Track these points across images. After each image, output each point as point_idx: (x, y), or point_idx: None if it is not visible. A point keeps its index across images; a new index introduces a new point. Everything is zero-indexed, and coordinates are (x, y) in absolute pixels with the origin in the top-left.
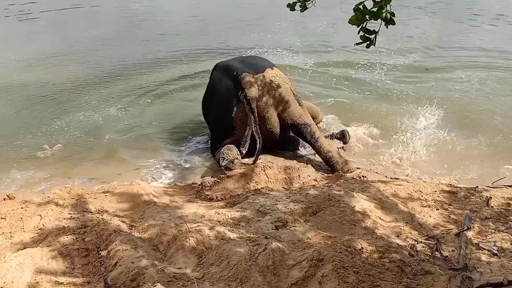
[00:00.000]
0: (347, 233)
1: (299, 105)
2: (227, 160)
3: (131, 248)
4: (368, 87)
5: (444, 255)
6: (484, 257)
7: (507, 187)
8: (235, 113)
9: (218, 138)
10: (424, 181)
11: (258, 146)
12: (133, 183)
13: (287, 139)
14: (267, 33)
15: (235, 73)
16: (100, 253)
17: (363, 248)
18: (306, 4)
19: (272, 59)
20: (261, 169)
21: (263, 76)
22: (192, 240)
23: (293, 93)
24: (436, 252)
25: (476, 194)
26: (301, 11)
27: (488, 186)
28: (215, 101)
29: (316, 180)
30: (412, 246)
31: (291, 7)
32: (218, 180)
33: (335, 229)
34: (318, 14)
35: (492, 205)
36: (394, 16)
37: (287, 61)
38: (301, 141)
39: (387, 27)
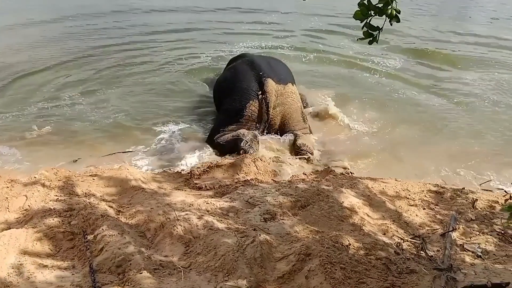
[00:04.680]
0: (335, 229)
1: (303, 121)
2: (245, 140)
3: (118, 233)
4: None
5: (429, 254)
6: (468, 259)
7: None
8: (249, 104)
9: (223, 121)
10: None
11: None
12: (122, 167)
13: None
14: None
15: (261, 73)
16: (86, 237)
17: (350, 244)
18: None
19: None
20: (251, 161)
21: (284, 88)
22: (180, 229)
23: (302, 111)
24: (421, 251)
25: (462, 195)
26: None
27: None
28: (234, 87)
29: (306, 174)
30: (398, 244)
31: None
32: (207, 169)
33: (323, 224)
34: None
35: (477, 207)
36: (399, 13)
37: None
38: None
39: (391, 24)
